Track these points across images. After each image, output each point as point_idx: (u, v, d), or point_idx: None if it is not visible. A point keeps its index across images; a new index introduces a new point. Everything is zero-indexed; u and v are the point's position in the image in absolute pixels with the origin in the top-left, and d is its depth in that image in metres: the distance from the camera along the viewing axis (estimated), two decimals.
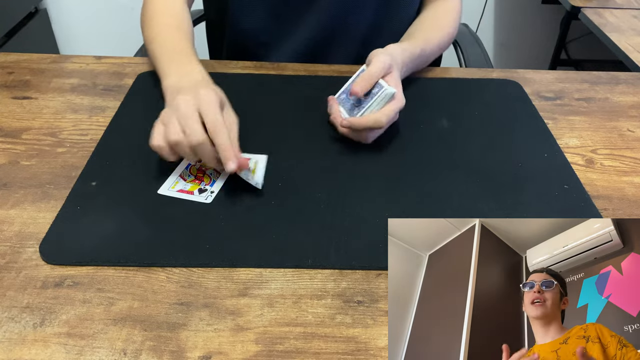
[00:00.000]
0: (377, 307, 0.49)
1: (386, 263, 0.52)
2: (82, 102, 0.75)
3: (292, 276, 0.51)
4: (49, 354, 0.44)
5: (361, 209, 0.58)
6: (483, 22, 2.21)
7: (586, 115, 0.77)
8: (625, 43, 1.34)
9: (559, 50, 1.96)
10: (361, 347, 0.45)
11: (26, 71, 0.82)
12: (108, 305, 0.48)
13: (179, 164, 0.63)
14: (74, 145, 0.67)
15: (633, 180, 0.65)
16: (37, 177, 0.61)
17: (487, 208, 0.59)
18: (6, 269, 0.51)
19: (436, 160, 0.66)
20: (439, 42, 0.84)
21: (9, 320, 0.46)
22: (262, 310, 0.48)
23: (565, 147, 0.70)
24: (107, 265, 0.51)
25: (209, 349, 0.44)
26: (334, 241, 0.54)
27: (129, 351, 0.44)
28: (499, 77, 0.85)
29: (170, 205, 0.58)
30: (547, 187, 0.62)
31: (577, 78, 0.86)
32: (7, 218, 0.56)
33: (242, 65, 0.85)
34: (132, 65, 0.84)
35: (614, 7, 1.56)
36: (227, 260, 0.52)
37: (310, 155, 0.66)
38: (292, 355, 0.44)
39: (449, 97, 0.79)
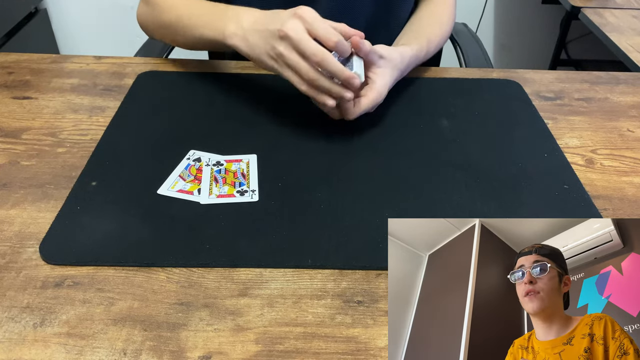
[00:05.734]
0: (377, 307, 0.49)
1: (386, 263, 0.52)
2: (82, 102, 0.75)
3: (292, 276, 0.51)
4: (49, 354, 0.44)
5: (361, 209, 0.58)
6: (483, 22, 2.21)
7: (586, 115, 0.77)
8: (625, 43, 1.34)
9: (559, 50, 1.96)
10: (361, 347, 0.45)
11: (26, 71, 0.82)
12: (108, 305, 0.48)
13: (179, 164, 0.63)
14: (74, 145, 0.67)
15: (633, 180, 0.65)
16: (37, 177, 0.61)
17: (487, 208, 0.59)
18: (6, 269, 0.51)
19: (436, 160, 0.66)
20: (439, 42, 0.84)
21: (9, 320, 0.46)
22: (262, 310, 0.48)
23: (565, 147, 0.70)
24: (107, 265, 0.51)
25: (209, 349, 0.44)
26: (334, 241, 0.54)
27: (129, 351, 0.44)
28: (499, 77, 0.85)
29: (170, 205, 0.58)
30: (547, 187, 0.62)
31: (577, 78, 0.86)
32: (7, 218, 0.56)
33: (242, 65, 0.85)
34: (132, 65, 0.84)
35: (614, 7, 1.56)
36: (227, 260, 0.52)
37: (310, 155, 0.66)
38: (292, 355, 0.44)
39: (449, 97, 0.79)
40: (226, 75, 0.82)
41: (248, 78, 0.82)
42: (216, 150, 0.66)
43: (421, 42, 0.79)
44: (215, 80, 0.80)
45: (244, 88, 0.79)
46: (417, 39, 0.80)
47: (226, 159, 0.64)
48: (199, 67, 0.84)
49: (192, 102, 0.75)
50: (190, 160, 0.64)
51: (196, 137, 0.68)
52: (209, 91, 0.78)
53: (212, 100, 0.76)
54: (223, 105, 0.75)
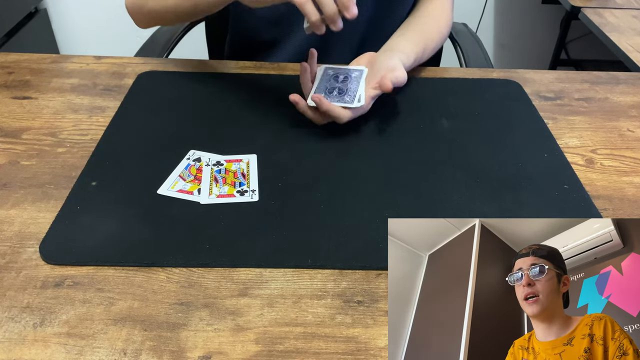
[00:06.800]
0: (377, 307, 0.49)
1: (386, 263, 0.52)
2: (82, 102, 0.75)
3: (292, 276, 0.51)
4: (49, 354, 0.44)
5: (361, 209, 0.58)
6: (483, 22, 2.21)
7: (586, 115, 0.77)
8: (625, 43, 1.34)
9: (559, 50, 1.96)
10: (361, 347, 0.45)
11: (26, 71, 0.82)
12: (108, 305, 0.48)
13: (179, 164, 0.63)
14: (74, 145, 0.67)
15: (633, 180, 0.65)
16: (37, 177, 0.61)
17: (487, 208, 0.59)
18: (6, 269, 0.51)
19: (436, 160, 0.66)
20: (435, 46, 0.85)
21: (9, 320, 0.46)
22: (262, 310, 0.48)
23: (565, 147, 0.70)
24: (107, 265, 0.51)
25: (209, 349, 0.44)
26: (334, 241, 0.54)
27: (129, 351, 0.44)
28: (499, 77, 0.85)
29: (170, 205, 0.58)
30: (547, 187, 0.62)
31: (577, 78, 0.86)
32: (7, 218, 0.56)
33: (242, 65, 0.85)
34: (132, 65, 0.84)
35: (614, 7, 1.56)
36: (227, 260, 0.52)
37: (310, 155, 0.66)
38: (292, 355, 0.44)
39: (449, 97, 0.79)
40: (226, 75, 0.82)
41: (248, 78, 0.82)
42: (216, 150, 0.66)
43: (419, 43, 0.80)
44: (215, 80, 0.80)
45: (244, 88, 0.79)
46: (416, 44, 0.80)
47: (226, 159, 0.64)
48: (199, 67, 0.84)
49: (192, 102, 0.75)
50: (190, 160, 0.64)
51: (196, 137, 0.68)
52: (209, 91, 0.78)
53: (212, 100, 0.76)
54: (223, 105, 0.75)
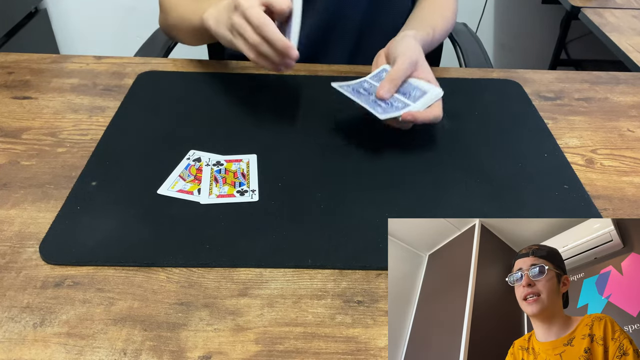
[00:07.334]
0: (377, 307, 0.49)
1: (386, 263, 0.52)
2: (82, 102, 0.75)
3: (292, 276, 0.51)
4: (49, 354, 0.44)
5: (361, 209, 0.58)
6: (483, 22, 2.21)
7: (586, 115, 0.77)
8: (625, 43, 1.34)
9: (559, 50, 1.96)
10: (361, 347, 0.45)
11: (26, 71, 0.82)
12: (108, 305, 0.48)
13: (179, 164, 0.63)
14: (74, 145, 0.67)
15: (633, 180, 0.65)
16: (37, 177, 0.61)
17: (487, 208, 0.59)
18: (6, 269, 0.51)
19: (436, 160, 0.66)
20: (441, 33, 0.84)
21: (9, 320, 0.46)
22: (262, 310, 0.48)
23: (565, 147, 0.70)
24: (107, 265, 0.51)
25: (209, 349, 0.44)
26: (333, 241, 0.54)
27: (129, 351, 0.44)
28: (499, 77, 0.85)
29: (170, 205, 0.58)
30: (547, 187, 0.62)
31: (577, 78, 0.86)
32: (7, 218, 0.56)
33: (242, 65, 0.85)
34: (132, 65, 0.84)
35: (614, 7, 1.56)
36: (227, 260, 0.52)
37: (310, 155, 0.66)
38: (292, 355, 0.44)
39: (449, 97, 0.78)
40: (226, 75, 0.82)
41: (248, 78, 0.82)
42: (216, 150, 0.66)
43: (427, 28, 0.79)
44: (215, 80, 0.80)
45: (244, 88, 0.79)
46: (424, 28, 0.79)
47: (226, 159, 0.64)
48: (199, 67, 0.84)
49: (192, 102, 0.75)
50: (190, 160, 0.64)
51: (196, 137, 0.68)
52: (209, 91, 0.78)
53: (212, 100, 0.76)
54: (223, 105, 0.75)
